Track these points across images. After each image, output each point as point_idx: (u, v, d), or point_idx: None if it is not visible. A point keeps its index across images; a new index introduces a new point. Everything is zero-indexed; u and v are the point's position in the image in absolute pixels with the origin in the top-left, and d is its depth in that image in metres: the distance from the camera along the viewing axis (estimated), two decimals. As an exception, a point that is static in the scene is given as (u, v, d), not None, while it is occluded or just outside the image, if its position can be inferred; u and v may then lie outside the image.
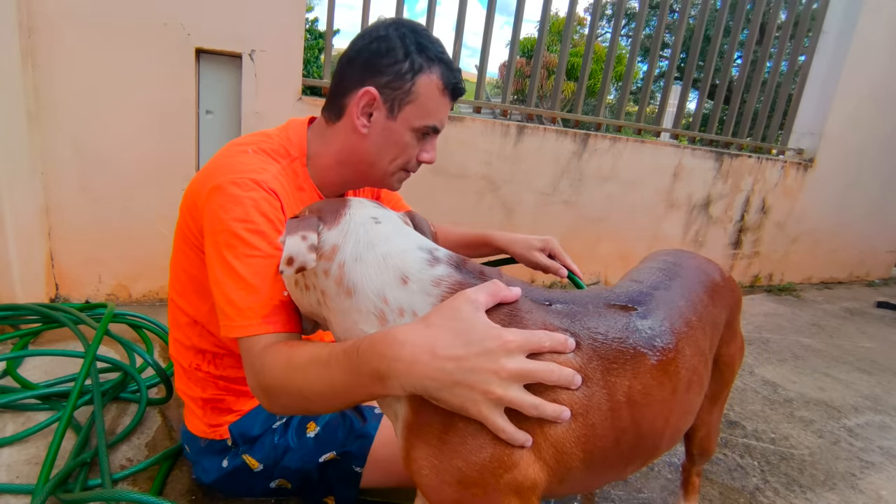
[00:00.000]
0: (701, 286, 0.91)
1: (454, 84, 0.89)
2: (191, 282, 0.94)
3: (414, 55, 0.86)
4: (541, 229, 2.80)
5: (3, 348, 1.56)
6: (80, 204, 1.85)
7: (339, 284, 0.67)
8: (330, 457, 0.96)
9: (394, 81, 0.86)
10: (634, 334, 0.72)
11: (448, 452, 0.60)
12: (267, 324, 0.74)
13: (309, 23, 13.66)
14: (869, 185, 3.88)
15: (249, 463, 0.98)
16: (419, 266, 0.67)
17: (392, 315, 0.66)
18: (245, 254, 0.76)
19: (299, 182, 0.92)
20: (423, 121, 0.89)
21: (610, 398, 0.66)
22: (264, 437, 0.98)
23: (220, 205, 0.78)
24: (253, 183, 0.80)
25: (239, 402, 1.00)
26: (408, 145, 0.91)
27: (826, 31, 3.43)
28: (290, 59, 2.00)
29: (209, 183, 0.81)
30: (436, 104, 0.89)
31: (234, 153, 0.87)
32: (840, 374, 2.26)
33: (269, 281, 0.76)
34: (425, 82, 0.86)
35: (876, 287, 4.15)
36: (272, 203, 0.81)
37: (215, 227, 0.78)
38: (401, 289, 0.66)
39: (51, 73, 1.71)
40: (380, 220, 0.71)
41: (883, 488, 1.46)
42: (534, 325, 0.64)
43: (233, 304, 0.75)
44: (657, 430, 0.73)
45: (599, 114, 2.92)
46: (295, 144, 0.93)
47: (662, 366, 0.72)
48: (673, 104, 3.96)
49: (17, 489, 1.04)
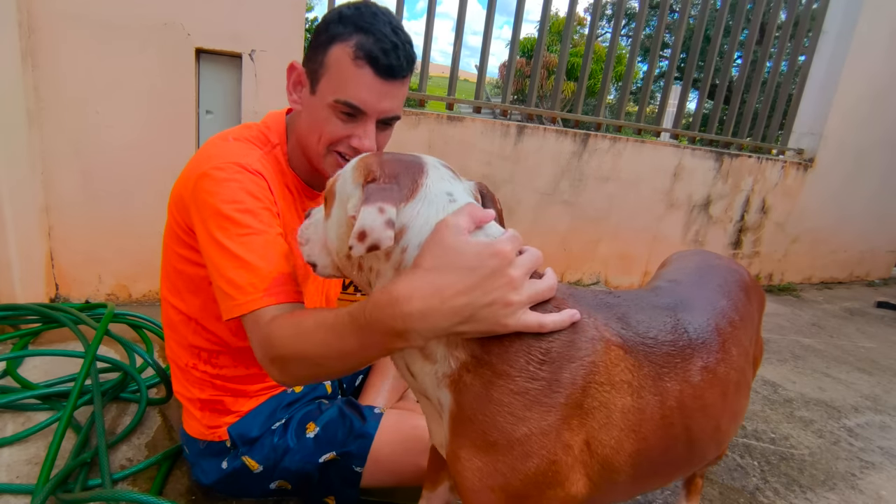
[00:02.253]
0: (737, 285, 0.91)
1: (370, 54, 0.78)
2: (181, 278, 0.94)
3: (333, 24, 0.81)
4: (541, 229, 2.80)
5: (3, 348, 1.56)
6: (80, 204, 1.85)
7: (398, 272, 0.60)
8: (330, 457, 0.96)
9: (313, 53, 0.84)
10: (683, 337, 0.69)
11: (494, 456, 0.57)
12: (269, 296, 0.74)
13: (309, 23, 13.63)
14: (869, 184, 3.88)
15: (249, 464, 0.97)
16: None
17: None
18: (238, 233, 0.76)
19: (280, 167, 0.93)
20: (337, 94, 0.81)
21: (662, 405, 0.64)
22: (263, 438, 0.98)
23: (206, 191, 0.79)
24: (237, 166, 0.81)
25: (237, 403, 1.00)
26: (327, 122, 0.84)
27: (826, 31, 3.43)
28: (289, 59, 1.97)
29: (195, 172, 0.82)
30: (350, 76, 0.80)
31: (215, 143, 0.88)
32: (840, 374, 2.26)
33: (265, 256, 0.76)
34: (337, 52, 0.80)
35: (876, 287, 4.15)
36: (258, 183, 0.82)
37: (205, 213, 0.79)
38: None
39: (51, 73, 1.71)
40: (455, 199, 0.63)
41: (883, 488, 1.46)
42: (589, 327, 0.62)
43: (232, 283, 0.75)
44: (707, 436, 0.71)
45: (599, 114, 2.92)
46: (274, 131, 0.94)
47: (712, 368, 0.70)
48: (673, 104, 3.95)
49: (17, 489, 1.04)
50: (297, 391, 1.06)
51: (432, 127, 2.38)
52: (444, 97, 2.55)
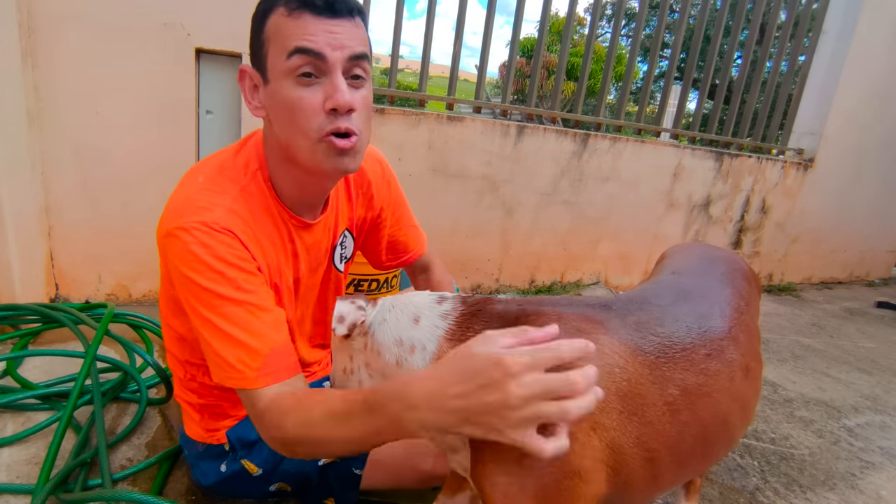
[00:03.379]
0: (740, 273, 0.93)
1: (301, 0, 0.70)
2: (173, 301, 0.90)
3: (259, 6, 0.75)
4: (541, 229, 2.80)
5: (3, 348, 1.56)
6: (80, 204, 1.85)
7: (372, 350, 0.74)
8: (329, 459, 0.96)
9: (252, 43, 0.76)
10: (692, 328, 0.72)
11: (519, 471, 0.59)
12: (263, 377, 0.72)
13: (309, 23, 13.58)
14: (869, 184, 3.88)
15: (248, 468, 0.97)
16: (429, 305, 0.74)
17: (405, 354, 0.72)
18: (217, 305, 0.73)
19: (265, 201, 0.83)
20: (285, 53, 0.70)
21: (662, 392, 0.65)
22: (262, 441, 0.98)
23: (176, 255, 0.74)
24: (202, 226, 0.73)
25: (236, 408, 0.99)
26: (296, 98, 0.72)
27: (826, 31, 3.43)
28: (290, 59, 2.00)
29: (163, 227, 0.76)
30: (291, 29, 0.70)
31: (187, 185, 0.80)
32: (840, 374, 2.26)
33: (252, 331, 0.73)
34: (272, 20, 0.72)
35: (876, 287, 4.15)
36: (229, 243, 0.74)
37: (179, 279, 0.75)
38: (413, 328, 0.72)
39: (51, 73, 1.71)
40: (405, 293, 0.79)
41: (883, 488, 1.46)
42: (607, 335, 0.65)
43: (221, 357, 0.73)
44: (722, 419, 0.71)
45: (599, 114, 2.92)
46: (254, 157, 0.83)
47: (717, 354, 0.72)
48: (673, 104, 3.95)
49: (17, 489, 1.04)
50: None
51: (432, 127, 2.38)
52: (444, 97, 2.55)
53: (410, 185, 2.42)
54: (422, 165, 2.41)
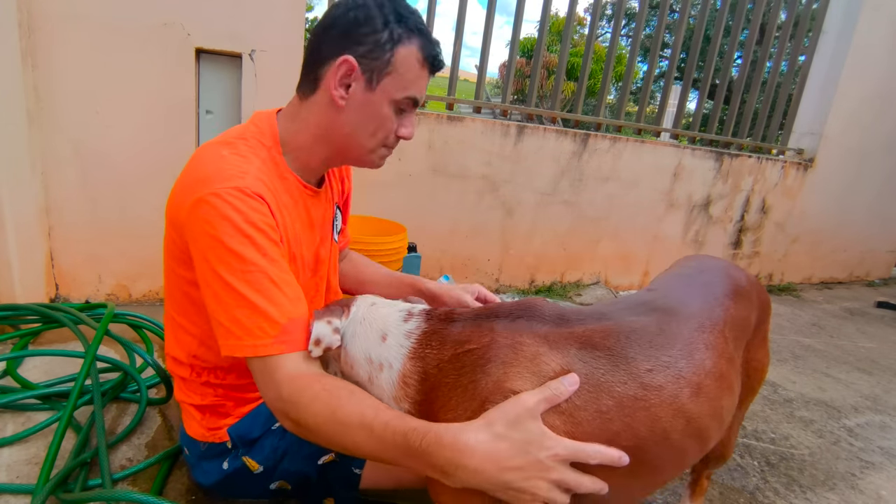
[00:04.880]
0: (721, 289, 0.90)
1: (434, 56, 0.86)
2: (186, 299, 0.91)
3: (393, 25, 0.82)
4: (541, 229, 2.80)
5: (3, 348, 1.56)
6: (80, 204, 1.85)
7: (345, 363, 0.77)
8: (329, 458, 0.96)
9: (373, 51, 0.82)
10: (634, 340, 0.72)
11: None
12: (280, 343, 0.73)
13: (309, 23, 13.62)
14: (869, 185, 3.88)
15: (249, 465, 0.97)
16: (396, 323, 0.76)
17: (375, 372, 0.74)
18: (242, 269, 0.73)
19: (280, 171, 0.89)
20: (403, 92, 0.85)
21: (596, 400, 0.67)
22: (264, 438, 0.98)
23: (205, 220, 0.74)
24: (237, 191, 0.75)
25: (238, 407, 1.00)
26: (386, 118, 0.87)
27: (826, 31, 3.43)
28: (290, 58, 2.00)
29: (190, 196, 0.77)
30: (415, 76, 0.85)
31: (210, 158, 0.82)
32: (840, 374, 2.26)
33: (274, 299, 0.74)
34: (405, 53, 0.83)
35: (876, 287, 4.15)
36: (260, 209, 0.77)
37: (205, 244, 0.75)
38: (381, 346, 0.75)
39: (51, 73, 1.71)
40: (375, 303, 0.81)
41: (883, 488, 1.46)
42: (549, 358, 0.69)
43: (238, 322, 0.73)
44: (661, 434, 0.70)
45: (599, 114, 2.92)
46: (267, 134, 0.89)
47: (662, 370, 0.71)
48: (673, 104, 3.95)
49: (17, 489, 1.04)
50: None
51: (432, 127, 2.38)
52: (444, 97, 2.55)
53: (410, 184, 2.42)
54: (422, 165, 2.41)
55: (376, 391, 0.75)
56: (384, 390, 0.74)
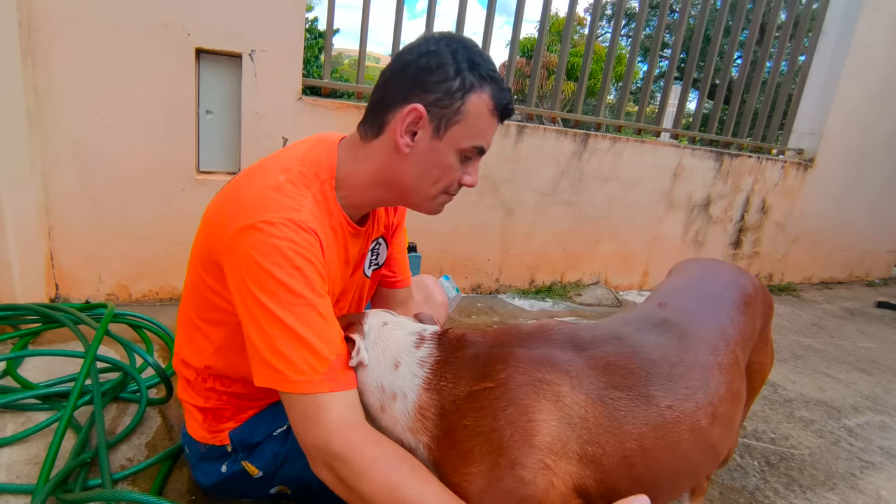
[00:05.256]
0: (732, 303, 0.90)
1: (505, 105, 0.84)
2: (209, 305, 0.88)
3: (465, 73, 0.80)
4: (541, 229, 2.80)
5: (3, 348, 1.56)
6: (80, 204, 1.85)
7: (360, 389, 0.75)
8: None
9: (443, 100, 0.80)
10: (653, 375, 0.72)
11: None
12: (329, 380, 0.70)
13: (309, 22, 13.65)
14: (869, 185, 3.88)
15: (249, 469, 0.97)
16: (408, 349, 0.74)
17: (388, 402, 0.71)
18: (291, 301, 0.71)
19: (329, 206, 0.86)
20: (471, 141, 0.84)
21: (621, 445, 0.66)
22: (265, 443, 0.97)
23: (255, 247, 0.72)
24: (292, 223, 0.74)
25: (240, 413, 0.99)
26: (451, 167, 0.85)
27: (826, 31, 3.43)
28: (290, 58, 2.00)
29: (239, 220, 0.74)
30: (484, 124, 0.84)
31: (267, 184, 0.79)
32: (840, 374, 2.26)
33: (322, 334, 0.72)
34: (476, 102, 0.81)
35: (876, 287, 4.15)
36: (311, 244, 0.75)
37: (247, 270, 0.72)
38: (393, 374, 0.72)
39: (51, 73, 1.71)
40: (387, 322, 0.79)
41: (883, 488, 1.46)
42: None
43: (281, 355, 0.70)
44: (677, 468, 0.71)
45: (599, 114, 2.92)
46: (325, 166, 0.86)
47: (680, 405, 0.71)
48: (673, 104, 3.95)
49: (17, 489, 1.04)
50: None
51: (432, 127, 2.38)
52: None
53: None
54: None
55: (388, 421, 0.72)
56: (398, 421, 0.71)
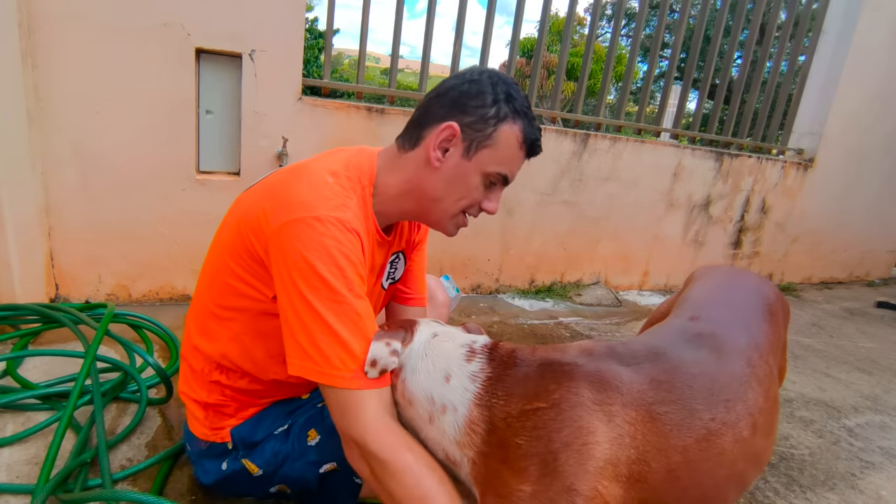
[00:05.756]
0: (759, 312, 0.92)
1: (533, 140, 0.90)
2: (230, 292, 0.89)
3: (502, 103, 0.86)
4: (541, 229, 2.80)
5: (3, 348, 1.56)
6: (80, 204, 1.85)
7: (403, 397, 0.77)
8: (330, 468, 0.95)
9: (477, 123, 0.86)
10: (695, 389, 0.73)
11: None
12: (359, 378, 0.74)
13: (309, 23, 13.65)
14: (869, 185, 3.88)
15: (249, 468, 0.97)
16: (459, 363, 0.75)
17: (437, 413, 0.73)
18: (331, 298, 0.74)
19: (367, 211, 0.90)
20: (497, 167, 0.89)
21: (667, 460, 0.68)
22: (265, 442, 0.98)
23: (301, 241, 0.75)
24: (338, 222, 0.77)
25: (242, 409, 0.99)
26: (475, 188, 0.90)
27: (826, 31, 3.43)
28: (290, 58, 2.00)
29: (287, 214, 0.77)
30: (512, 155, 0.89)
31: (315, 181, 0.83)
32: (840, 374, 2.26)
33: (358, 333, 0.76)
34: (507, 131, 0.87)
35: (876, 287, 4.15)
36: (355, 244, 0.79)
37: (297, 263, 0.75)
38: (444, 386, 0.73)
39: (51, 73, 1.71)
40: (438, 334, 0.80)
41: (883, 488, 1.46)
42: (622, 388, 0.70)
43: (318, 348, 0.74)
44: (722, 480, 0.72)
45: (599, 114, 2.92)
46: (366, 173, 0.92)
47: (722, 417, 0.73)
48: (673, 104, 3.95)
49: (17, 489, 1.04)
50: (304, 397, 1.05)
51: (432, 127, 2.38)
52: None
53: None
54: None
55: (435, 433, 0.74)
56: (446, 433, 0.72)
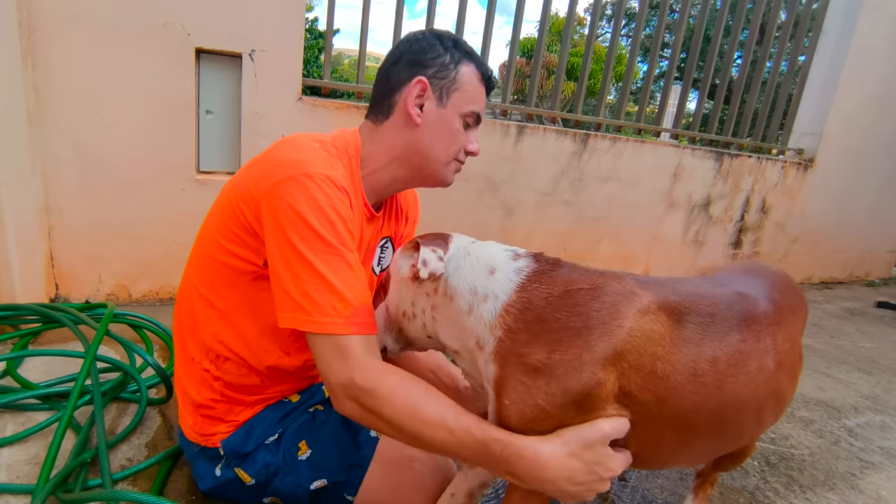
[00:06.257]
0: (783, 284, 0.96)
1: (489, 75, 0.98)
2: (222, 269, 0.90)
3: (452, 49, 0.94)
4: (541, 229, 2.80)
5: (3, 348, 1.56)
6: (80, 204, 1.85)
7: (445, 295, 0.80)
8: (321, 484, 0.95)
9: (440, 71, 0.93)
10: (726, 307, 0.78)
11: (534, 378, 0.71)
12: (350, 324, 0.76)
13: (309, 23, 13.65)
14: (869, 185, 3.88)
15: (242, 476, 0.97)
16: (505, 260, 0.79)
17: (478, 302, 0.76)
18: (323, 250, 0.77)
19: (354, 181, 0.93)
20: (469, 106, 0.95)
21: (694, 364, 0.72)
22: (256, 452, 0.97)
23: (293, 196, 0.77)
24: (328, 179, 0.80)
25: (231, 412, 0.98)
26: (459, 132, 0.96)
27: (826, 31, 3.43)
28: (290, 58, 2.00)
29: (278, 174, 0.80)
30: (477, 92, 0.96)
31: (303, 145, 0.86)
32: (840, 374, 2.26)
33: (348, 282, 0.78)
34: (466, 71, 0.94)
35: (876, 287, 4.15)
36: (344, 202, 0.82)
37: (287, 217, 0.77)
38: (488, 279, 0.77)
39: (51, 73, 1.71)
40: (475, 241, 0.86)
41: (883, 488, 1.46)
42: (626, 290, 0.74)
43: (310, 298, 0.76)
44: (742, 402, 0.76)
45: (599, 114, 2.92)
46: (352, 145, 0.95)
47: (753, 341, 0.78)
48: (673, 104, 3.95)
49: (17, 489, 1.04)
50: (294, 400, 1.05)
51: (432, 127, 2.38)
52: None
53: (410, 185, 2.42)
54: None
55: (472, 321, 0.77)
56: (482, 319, 0.76)
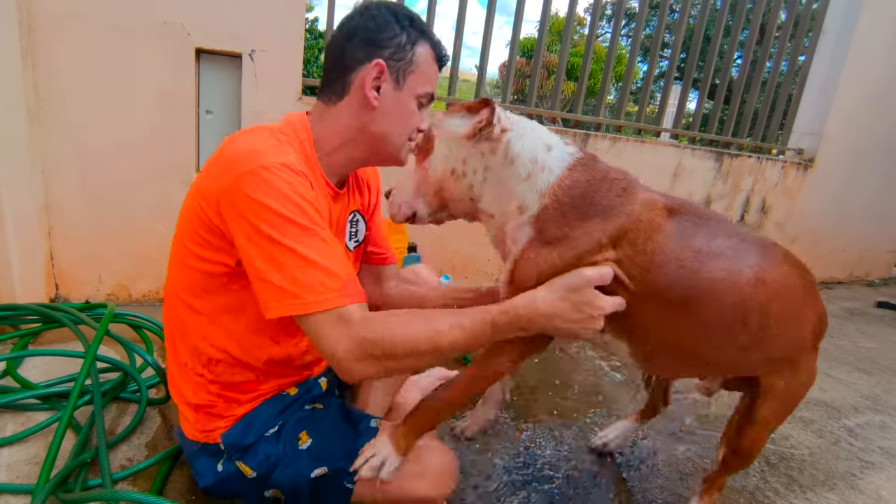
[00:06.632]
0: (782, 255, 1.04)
1: (442, 54, 0.98)
2: (201, 276, 0.90)
3: (409, 28, 0.92)
4: (541, 229, 2.80)
5: (3, 348, 1.56)
6: (80, 203, 1.85)
7: (505, 157, 0.88)
8: (321, 472, 0.95)
9: (396, 53, 0.91)
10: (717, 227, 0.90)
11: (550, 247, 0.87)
12: (345, 295, 0.78)
13: (309, 23, 13.64)
14: (869, 185, 3.87)
15: (243, 470, 0.97)
16: (559, 142, 0.91)
17: (537, 172, 0.88)
18: (297, 233, 0.77)
19: (310, 162, 0.93)
20: (424, 87, 0.95)
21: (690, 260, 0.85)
22: (257, 444, 0.97)
23: (255, 189, 0.77)
24: (283, 166, 0.80)
25: (230, 409, 0.98)
26: (413, 113, 0.96)
27: (826, 31, 3.43)
28: (290, 59, 2.00)
29: (235, 169, 0.79)
30: (432, 72, 0.96)
31: (252, 139, 0.85)
32: (840, 374, 2.26)
33: (330, 257, 0.79)
34: (421, 52, 0.93)
35: (876, 287, 4.15)
36: (304, 184, 0.82)
37: (254, 210, 0.77)
38: (546, 153, 0.88)
39: (51, 73, 1.71)
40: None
41: (883, 488, 1.46)
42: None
43: (297, 281, 0.76)
44: (717, 293, 0.86)
45: (599, 114, 2.92)
46: (301, 129, 0.94)
47: (737, 244, 0.90)
48: (673, 104, 3.95)
49: (17, 489, 1.04)
50: (292, 393, 1.05)
51: (432, 127, 2.38)
52: (444, 97, 2.55)
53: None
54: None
55: (523, 187, 0.88)
56: (535, 186, 0.87)
